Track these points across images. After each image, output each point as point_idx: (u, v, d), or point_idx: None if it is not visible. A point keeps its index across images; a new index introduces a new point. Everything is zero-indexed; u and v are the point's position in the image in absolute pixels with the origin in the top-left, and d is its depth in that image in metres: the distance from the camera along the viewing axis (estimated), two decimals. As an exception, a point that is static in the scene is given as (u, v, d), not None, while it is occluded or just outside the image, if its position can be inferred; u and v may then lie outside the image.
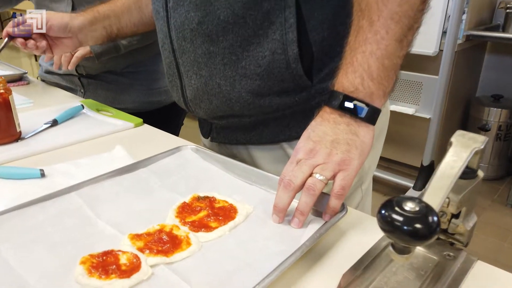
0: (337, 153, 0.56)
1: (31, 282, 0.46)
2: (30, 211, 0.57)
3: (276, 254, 0.52)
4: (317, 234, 0.53)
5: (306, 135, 0.59)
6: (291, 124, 0.74)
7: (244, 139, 0.79)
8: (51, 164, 0.77)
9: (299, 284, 0.49)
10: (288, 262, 0.48)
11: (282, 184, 0.57)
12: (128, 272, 0.47)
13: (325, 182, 0.55)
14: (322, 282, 0.50)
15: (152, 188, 0.67)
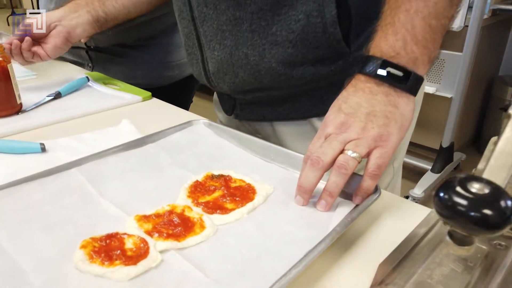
0: (373, 127, 0.48)
1: (26, 268, 0.40)
2: (27, 188, 0.51)
3: (302, 240, 0.46)
4: (349, 219, 0.47)
5: (336, 106, 0.51)
6: (325, 97, 0.67)
7: (272, 115, 0.72)
8: (52, 138, 0.71)
9: (328, 275, 0.43)
10: (317, 250, 0.42)
11: (309, 161, 0.50)
12: (134, 258, 0.41)
13: (359, 160, 0.48)
14: (354, 274, 0.44)
15: (161, 165, 0.61)
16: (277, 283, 0.37)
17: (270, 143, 0.65)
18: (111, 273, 0.40)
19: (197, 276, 0.40)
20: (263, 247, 0.45)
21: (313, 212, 0.51)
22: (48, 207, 0.49)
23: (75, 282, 0.39)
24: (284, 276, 0.38)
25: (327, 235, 0.44)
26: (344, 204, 0.52)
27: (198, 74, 0.76)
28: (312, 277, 0.42)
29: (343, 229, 0.45)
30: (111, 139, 0.71)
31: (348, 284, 0.42)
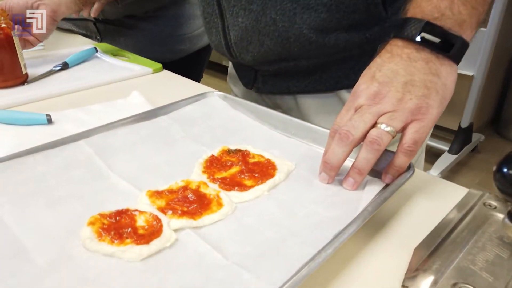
0: (411, 98, 0.43)
1: (28, 246, 0.37)
2: (31, 161, 0.48)
3: (329, 221, 0.42)
4: (382, 198, 0.42)
5: (369, 75, 0.46)
6: (356, 68, 0.61)
7: (297, 88, 0.67)
8: (59, 110, 0.67)
9: (358, 259, 0.39)
10: (348, 232, 0.37)
11: (338, 136, 0.45)
12: (146, 236, 0.38)
13: (393, 135, 0.44)
14: (387, 258, 0.40)
15: (174, 139, 0.57)
16: (305, 267, 0.33)
17: (290, 116, 0.60)
18: (122, 253, 0.36)
19: (215, 257, 0.37)
20: (287, 228, 0.41)
21: (339, 191, 0.47)
22: (53, 180, 0.46)
23: (81, 261, 0.36)
24: (312, 260, 0.34)
25: (358, 215, 0.40)
26: (373, 183, 0.48)
27: (217, 44, 0.70)
28: (340, 261, 0.38)
29: (375, 209, 0.41)
30: (120, 111, 0.67)
31: (380, 269, 0.38)
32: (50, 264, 0.35)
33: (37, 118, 0.63)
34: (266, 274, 0.34)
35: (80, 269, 0.35)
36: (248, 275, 0.34)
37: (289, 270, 0.34)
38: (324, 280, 0.36)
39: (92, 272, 0.35)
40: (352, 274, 0.37)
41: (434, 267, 0.38)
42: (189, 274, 0.35)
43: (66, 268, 0.35)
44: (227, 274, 0.35)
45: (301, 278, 0.32)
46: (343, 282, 0.36)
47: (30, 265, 0.35)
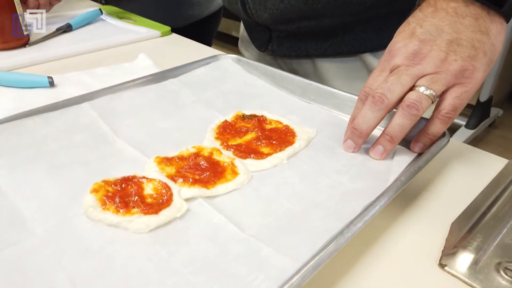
0: (456, 60, 0.38)
1: (26, 214, 0.34)
2: (31, 123, 0.44)
3: (355, 193, 0.38)
4: (415, 168, 0.38)
5: (408, 31, 0.41)
6: (382, 29, 0.55)
7: (316, 51, 0.61)
8: (62, 73, 0.63)
9: (388, 234, 0.35)
10: (379, 205, 0.33)
11: (370, 99, 0.40)
12: (155, 206, 0.34)
13: (433, 99, 0.39)
14: (420, 233, 0.36)
15: (184, 103, 0.53)
16: (333, 242, 0.29)
17: (310, 80, 0.55)
18: (128, 223, 0.33)
19: (230, 230, 0.33)
20: (309, 199, 0.37)
21: (365, 160, 0.43)
22: (54, 145, 0.42)
23: (84, 232, 0.32)
24: (340, 234, 0.30)
25: (390, 186, 0.36)
26: (402, 153, 0.43)
27: (232, 2, 0.65)
28: (368, 237, 0.35)
29: (408, 179, 0.37)
30: (126, 75, 0.63)
31: (413, 246, 0.34)
32: (49, 234, 0.32)
33: (38, 81, 0.59)
34: (288, 249, 0.31)
35: (82, 240, 0.32)
36: (267, 250, 0.31)
37: (313, 244, 0.30)
38: (351, 257, 0.33)
39: (95, 243, 0.31)
40: (382, 251, 0.34)
41: (475, 244, 0.34)
42: (202, 247, 0.31)
43: (67, 238, 0.32)
44: (244, 248, 0.31)
45: (328, 255, 0.28)
46: (371, 260, 0.33)
47: (28, 234, 0.32)
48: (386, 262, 0.33)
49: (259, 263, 0.30)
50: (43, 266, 0.29)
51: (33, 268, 0.29)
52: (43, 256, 0.30)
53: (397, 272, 0.32)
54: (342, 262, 0.32)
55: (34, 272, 0.29)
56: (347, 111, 0.52)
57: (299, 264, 0.28)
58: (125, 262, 0.30)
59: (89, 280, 0.28)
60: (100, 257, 0.30)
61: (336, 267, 0.31)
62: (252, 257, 0.30)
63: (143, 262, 0.30)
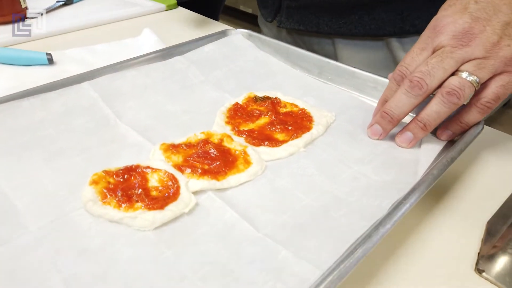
0: (509, 45, 0.33)
1: (19, 207, 0.31)
2: (26, 105, 0.41)
3: (380, 187, 0.34)
4: (447, 159, 0.34)
5: (460, 4, 0.35)
6: (405, 13, 0.50)
7: (329, 27, 0.55)
8: (61, 49, 0.59)
9: (419, 235, 0.32)
10: (410, 202, 0.30)
11: (407, 83, 0.36)
12: (160, 200, 0.31)
13: (476, 87, 0.34)
14: (453, 233, 0.32)
15: (192, 83, 0.49)
16: (360, 247, 0.26)
17: (328, 59, 0.51)
18: (131, 220, 0.30)
19: (243, 228, 0.30)
20: (329, 194, 0.34)
21: (390, 149, 0.39)
22: (51, 129, 0.39)
23: (82, 229, 0.29)
24: (368, 237, 0.27)
25: (420, 180, 0.32)
26: (430, 141, 0.39)
27: None
28: (396, 238, 0.31)
29: (441, 173, 0.33)
30: (129, 52, 0.59)
31: (445, 248, 0.31)
32: (44, 231, 0.29)
33: (36, 57, 0.55)
34: (308, 252, 0.28)
35: (80, 239, 0.29)
36: (285, 253, 0.28)
37: (336, 248, 0.27)
38: (377, 262, 0.29)
39: (94, 242, 0.28)
40: (411, 255, 0.30)
41: (515, 246, 0.30)
42: (212, 248, 0.28)
43: (63, 236, 0.29)
44: (259, 250, 0.28)
45: (354, 262, 0.25)
46: (399, 265, 0.29)
47: (20, 231, 0.29)
48: (415, 268, 0.29)
49: (277, 269, 0.26)
50: (36, 268, 0.26)
51: (25, 270, 0.26)
52: (36, 256, 0.27)
53: (429, 279, 0.29)
54: (367, 268, 0.29)
55: (26, 275, 0.26)
56: (369, 92, 0.48)
57: (322, 272, 0.25)
58: (127, 265, 0.27)
59: (86, 285, 0.25)
60: (99, 259, 0.27)
61: (361, 274, 0.28)
62: (268, 261, 0.27)
63: (147, 265, 0.27)
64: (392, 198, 0.31)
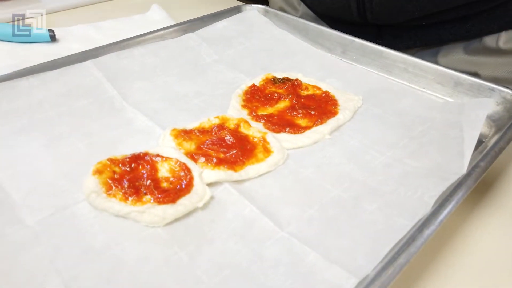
0: None
1: (15, 198, 0.28)
2: (25, 85, 0.37)
3: (419, 174, 0.30)
4: (495, 150, 0.30)
5: None
6: None
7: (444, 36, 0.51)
8: (65, 26, 0.55)
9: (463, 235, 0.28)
10: (456, 199, 0.26)
11: None
12: (172, 193, 0.28)
13: None
14: (503, 231, 0.29)
15: (204, 63, 0.45)
16: (402, 253, 0.22)
17: (351, 36, 0.46)
18: (139, 214, 0.26)
19: (265, 226, 0.27)
20: (360, 184, 0.30)
21: (429, 130, 0.35)
22: (52, 111, 0.36)
23: (85, 224, 0.26)
24: (411, 240, 0.23)
25: (467, 174, 0.28)
26: (473, 109, 0.35)
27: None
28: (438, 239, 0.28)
29: (489, 165, 0.29)
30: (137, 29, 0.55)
31: (491, 248, 0.27)
32: (42, 226, 0.26)
33: (38, 34, 0.52)
34: (340, 254, 0.24)
35: (82, 235, 0.25)
36: (313, 255, 0.24)
37: (374, 252, 0.24)
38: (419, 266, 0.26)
39: (98, 240, 0.25)
40: (454, 258, 0.27)
41: None
42: (231, 248, 0.25)
43: (64, 232, 0.26)
44: (284, 251, 0.25)
45: (398, 269, 0.22)
46: (442, 271, 0.26)
47: (16, 226, 0.26)
48: (461, 273, 0.26)
49: (305, 275, 0.23)
50: (33, 268, 0.23)
51: (21, 270, 0.23)
52: (34, 255, 0.24)
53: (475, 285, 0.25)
54: (409, 273, 0.25)
55: (22, 276, 0.23)
56: (398, 74, 0.43)
57: (358, 280, 0.22)
58: (135, 267, 0.24)
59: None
60: (104, 259, 0.24)
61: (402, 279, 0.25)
62: (294, 265, 0.24)
63: (157, 267, 0.24)
64: (435, 190, 0.28)
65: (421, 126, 0.36)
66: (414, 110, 0.38)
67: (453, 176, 0.28)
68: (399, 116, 0.37)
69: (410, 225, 0.25)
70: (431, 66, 0.41)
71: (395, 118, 0.37)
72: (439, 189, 0.27)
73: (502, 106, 0.37)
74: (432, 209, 0.26)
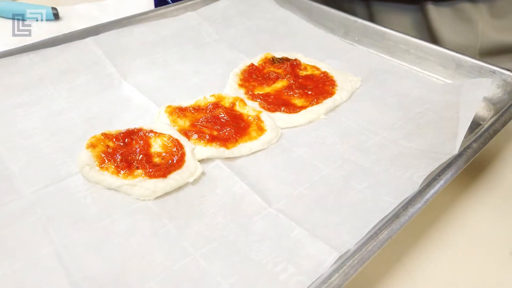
0: None
1: (14, 169, 0.29)
2: (25, 61, 0.38)
3: (413, 154, 0.30)
4: (490, 132, 0.30)
5: None
6: None
7: None
8: (69, 4, 0.56)
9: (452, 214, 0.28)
10: (444, 179, 0.26)
11: None
12: (163, 167, 0.28)
13: None
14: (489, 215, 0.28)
15: (204, 42, 0.45)
16: (385, 229, 0.23)
17: (354, 17, 0.46)
18: (130, 187, 0.27)
19: (254, 201, 0.27)
20: (352, 163, 0.30)
21: (427, 111, 0.34)
22: (51, 87, 0.36)
23: (77, 196, 0.27)
24: (395, 217, 0.23)
25: (458, 155, 0.28)
26: (471, 90, 0.35)
27: None
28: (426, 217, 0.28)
29: (481, 146, 0.29)
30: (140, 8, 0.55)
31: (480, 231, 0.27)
32: (38, 196, 0.27)
33: (41, 12, 0.52)
34: (325, 230, 0.25)
35: (75, 206, 0.26)
36: (300, 231, 0.25)
37: (358, 228, 0.24)
38: (404, 243, 0.26)
39: (90, 211, 0.26)
40: (441, 237, 0.27)
41: None
42: (219, 223, 0.25)
43: (58, 203, 0.26)
44: (271, 226, 0.25)
45: (379, 245, 0.22)
46: (428, 248, 0.26)
47: (13, 196, 0.27)
48: (446, 250, 0.26)
49: (290, 249, 0.24)
50: (27, 236, 0.24)
51: (16, 237, 0.24)
52: (28, 224, 0.25)
53: (460, 263, 0.25)
54: (392, 251, 0.25)
55: (16, 242, 0.24)
56: (400, 55, 0.43)
57: (339, 254, 0.22)
58: (125, 237, 0.24)
59: (79, 258, 0.23)
60: (95, 229, 0.25)
61: (385, 258, 0.25)
62: (279, 239, 0.24)
63: (147, 238, 0.24)
64: (425, 170, 0.27)
65: (419, 107, 0.35)
66: (413, 92, 0.38)
67: (445, 157, 0.28)
68: (398, 97, 0.37)
69: (396, 203, 0.25)
70: (433, 48, 0.40)
71: (393, 99, 0.37)
72: (429, 169, 0.27)
73: (503, 88, 0.36)
74: (419, 188, 0.25)
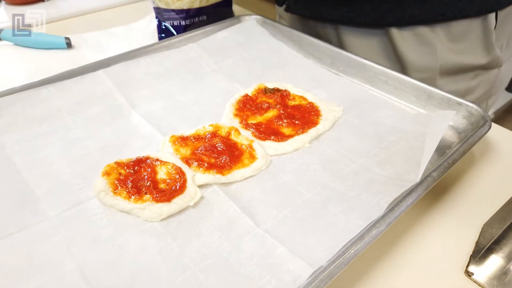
0: None
1: (38, 194, 0.33)
2: (45, 93, 0.43)
3: (382, 181, 0.35)
4: (449, 161, 0.35)
5: None
6: (406, 3, 0.49)
7: (331, 15, 0.55)
8: (80, 32, 0.61)
9: (413, 235, 0.33)
10: (406, 205, 0.31)
11: None
12: (168, 193, 0.33)
13: None
14: (448, 234, 0.33)
15: (203, 72, 0.50)
16: (352, 249, 0.27)
17: (340, 49, 0.51)
18: (140, 211, 0.32)
19: (245, 223, 0.32)
20: (330, 189, 0.35)
21: (398, 140, 0.39)
22: (68, 118, 0.41)
23: (95, 218, 0.32)
24: (360, 239, 0.28)
25: (420, 182, 0.33)
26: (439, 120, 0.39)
27: None
28: (390, 237, 0.32)
29: (441, 175, 0.33)
30: (144, 36, 0.60)
31: (438, 249, 0.32)
32: (61, 218, 0.31)
33: (56, 42, 0.57)
34: (304, 249, 0.29)
35: (93, 227, 0.31)
36: (282, 249, 0.29)
37: (331, 247, 0.28)
38: (369, 261, 0.31)
39: (106, 231, 0.31)
40: (403, 255, 0.31)
41: (508, 250, 0.31)
42: (215, 241, 0.30)
43: (78, 224, 0.31)
44: (258, 246, 0.30)
45: (346, 262, 0.27)
46: (391, 265, 0.31)
47: (40, 218, 0.31)
48: (407, 268, 0.31)
49: (273, 265, 0.28)
50: (53, 253, 0.29)
51: (43, 255, 0.29)
52: (53, 242, 0.30)
53: (418, 280, 0.30)
54: (359, 267, 0.30)
55: (43, 260, 0.28)
56: (379, 86, 0.48)
57: (313, 270, 0.27)
58: (135, 255, 0.29)
59: (98, 272, 0.28)
60: (110, 247, 0.29)
61: (353, 273, 0.30)
62: (266, 257, 0.29)
63: (153, 256, 0.29)
64: (390, 196, 0.32)
65: (392, 136, 0.40)
66: (388, 121, 0.42)
67: (408, 184, 0.33)
68: (375, 127, 0.42)
69: (364, 225, 0.30)
70: (408, 80, 0.45)
71: (371, 128, 0.42)
72: (394, 195, 0.32)
73: (467, 119, 0.41)
74: (383, 213, 0.30)
